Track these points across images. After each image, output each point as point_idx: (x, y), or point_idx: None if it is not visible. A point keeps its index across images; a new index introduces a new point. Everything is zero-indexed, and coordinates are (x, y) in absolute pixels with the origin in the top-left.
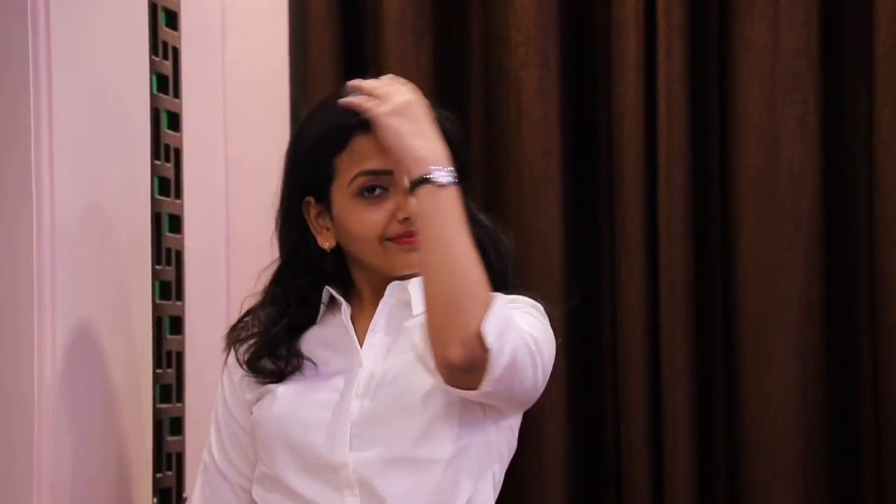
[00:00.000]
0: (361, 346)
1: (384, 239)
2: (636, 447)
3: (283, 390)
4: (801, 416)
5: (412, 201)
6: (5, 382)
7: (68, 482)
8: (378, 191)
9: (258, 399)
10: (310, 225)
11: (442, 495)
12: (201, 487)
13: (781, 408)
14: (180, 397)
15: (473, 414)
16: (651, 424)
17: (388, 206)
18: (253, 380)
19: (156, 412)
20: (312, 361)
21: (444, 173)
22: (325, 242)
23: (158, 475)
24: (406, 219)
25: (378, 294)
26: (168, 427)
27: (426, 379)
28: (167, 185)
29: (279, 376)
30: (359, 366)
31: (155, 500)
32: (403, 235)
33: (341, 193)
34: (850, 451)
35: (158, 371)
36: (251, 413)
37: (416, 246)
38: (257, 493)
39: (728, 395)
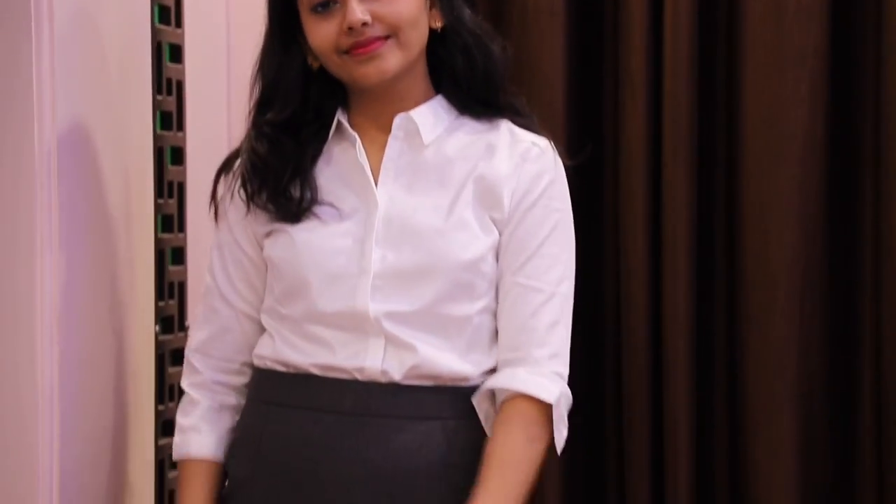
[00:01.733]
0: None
1: (340, 52)
2: (635, 268)
3: (297, 232)
4: (800, 249)
5: (355, 8)
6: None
7: (67, 306)
8: (329, 3)
9: (268, 234)
10: (305, 51)
11: (466, 346)
12: (204, 312)
13: (781, 242)
14: (182, 227)
15: (492, 274)
16: (650, 257)
17: (338, 18)
18: (263, 212)
19: (157, 241)
20: (330, 202)
21: None
22: (314, 62)
23: (160, 304)
24: (350, 29)
25: (378, 121)
26: (170, 257)
27: (450, 235)
28: (167, 13)
29: (295, 215)
30: (375, 207)
31: (157, 327)
32: (354, 47)
33: (304, 13)
34: (848, 282)
35: (160, 201)
36: (261, 247)
37: (372, 54)
38: (268, 323)
39: (728, 229)
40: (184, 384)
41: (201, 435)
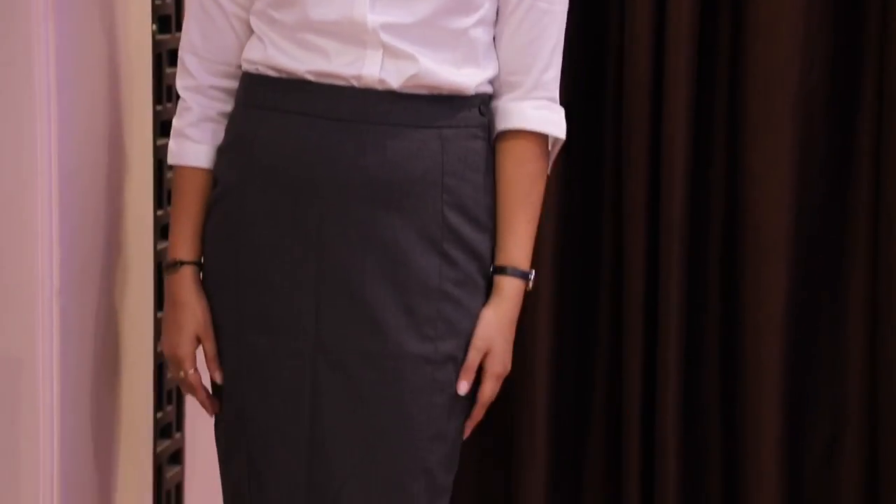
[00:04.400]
0: None
1: None
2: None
3: None
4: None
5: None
6: None
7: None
8: None
9: None
10: None
11: (462, 59)
12: (195, 12)
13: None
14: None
15: None
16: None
17: None
18: None
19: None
20: None
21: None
22: None
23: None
24: None
25: None
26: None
27: None
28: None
29: None
30: None
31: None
32: None
33: None
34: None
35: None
36: None
37: None
38: (258, 26)
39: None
40: (178, 86)
41: (196, 144)
